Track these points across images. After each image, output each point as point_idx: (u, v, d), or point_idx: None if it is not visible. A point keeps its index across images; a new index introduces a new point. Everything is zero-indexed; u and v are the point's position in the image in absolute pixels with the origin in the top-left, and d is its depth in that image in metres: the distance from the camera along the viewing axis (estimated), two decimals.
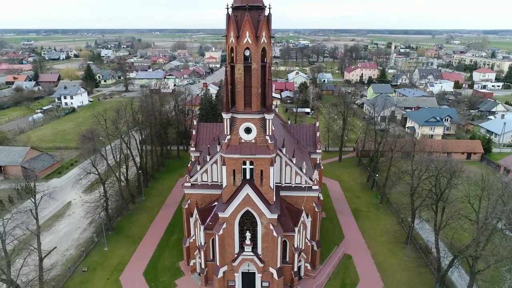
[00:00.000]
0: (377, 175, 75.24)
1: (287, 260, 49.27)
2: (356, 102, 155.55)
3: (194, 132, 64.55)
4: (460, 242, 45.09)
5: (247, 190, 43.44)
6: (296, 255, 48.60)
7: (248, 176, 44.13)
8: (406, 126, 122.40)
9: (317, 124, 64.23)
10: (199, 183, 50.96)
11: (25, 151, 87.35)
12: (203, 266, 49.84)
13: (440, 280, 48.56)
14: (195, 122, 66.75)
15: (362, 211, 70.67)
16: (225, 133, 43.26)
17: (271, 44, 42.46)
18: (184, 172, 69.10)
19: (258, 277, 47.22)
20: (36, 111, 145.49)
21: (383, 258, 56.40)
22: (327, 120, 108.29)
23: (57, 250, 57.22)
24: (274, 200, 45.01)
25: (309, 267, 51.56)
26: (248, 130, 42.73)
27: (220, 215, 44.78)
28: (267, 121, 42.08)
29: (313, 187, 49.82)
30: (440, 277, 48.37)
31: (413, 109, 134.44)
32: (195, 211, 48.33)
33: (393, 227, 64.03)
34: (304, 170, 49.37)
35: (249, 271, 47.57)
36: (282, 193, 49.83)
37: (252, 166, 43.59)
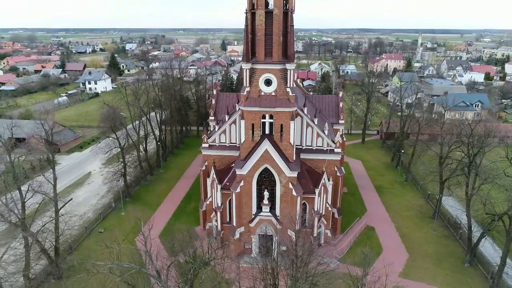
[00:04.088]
0: (402, 151, 71.98)
1: (307, 224, 47.19)
2: (381, 91, 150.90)
3: (213, 102, 63.31)
4: (493, 210, 41.68)
5: (266, 145, 41.77)
6: (316, 220, 46.56)
7: (267, 131, 42.48)
8: (433, 112, 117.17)
9: (340, 95, 61.85)
10: (217, 144, 49.70)
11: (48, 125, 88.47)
12: (219, 229, 48.52)
13: (471, 251, 45.34)
14: (214, 92, 65.58)
15: (385, 187, 67.64)
16: (244, 85, 41.72)
17: None
18: None
19: (275, 240, 45.44)
20: (62, 94, 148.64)
21: (409, 231, 53.47)
22: (350, 106, 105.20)
23: (73, 203, 56.13)
24: (294, 158, 43.16)
25: (329, 234, 49.33)
26: (268, 82, 41.03)
27: (238, 172, 43.29)
28: (289, 71, 40.25)
29: (335, 150, 47.61)
30: (472, 247, 45.15)
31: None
32: (212, 171, 47.01)
33: (419, 202, 60.94)
34: (326, 132, 47.28)
35: (267, 234, 45.89)
36: (303, 156, 47.82)
37: (271, 120, 41.91)
